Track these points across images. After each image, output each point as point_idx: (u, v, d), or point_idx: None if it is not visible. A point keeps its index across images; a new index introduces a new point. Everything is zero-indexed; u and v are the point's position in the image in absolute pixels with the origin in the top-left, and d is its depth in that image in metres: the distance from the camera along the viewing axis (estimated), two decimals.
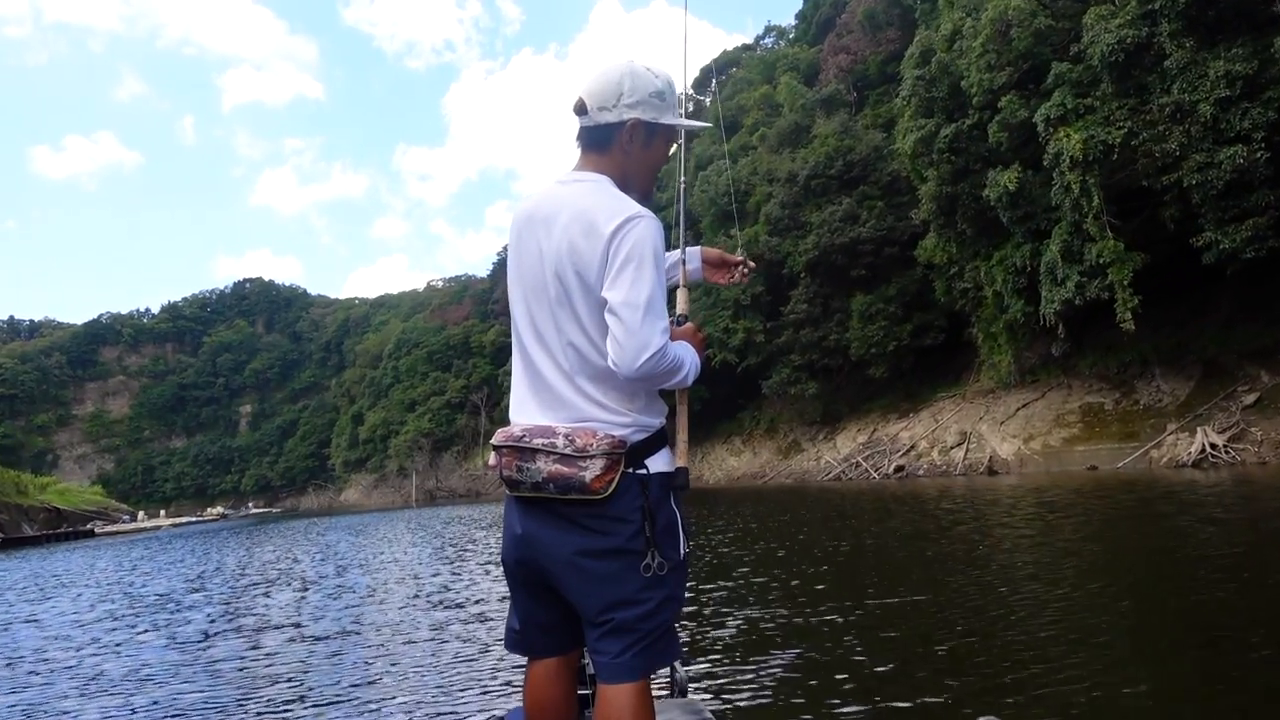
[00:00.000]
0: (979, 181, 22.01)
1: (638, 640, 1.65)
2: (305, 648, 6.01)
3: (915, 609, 5.53)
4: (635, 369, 1.59)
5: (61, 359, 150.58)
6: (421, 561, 12.67)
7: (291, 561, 14.70)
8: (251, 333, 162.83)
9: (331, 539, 21.16)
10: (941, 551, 8.45)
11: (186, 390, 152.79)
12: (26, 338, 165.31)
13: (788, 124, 38.05)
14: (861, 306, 31.10)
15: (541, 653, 1.85)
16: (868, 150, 32.56)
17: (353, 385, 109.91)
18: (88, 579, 14.23)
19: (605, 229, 1.62)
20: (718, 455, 41.94)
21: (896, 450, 28.35)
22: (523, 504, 1.74)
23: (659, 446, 1.75)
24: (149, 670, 5.69)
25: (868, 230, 30.95)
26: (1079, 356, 23.92)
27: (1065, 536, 8.82)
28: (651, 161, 1.83)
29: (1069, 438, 22.41)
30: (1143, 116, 17.35)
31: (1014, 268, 21.52)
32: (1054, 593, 5.57)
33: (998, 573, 6.64)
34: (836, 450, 32.22)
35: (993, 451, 24.22)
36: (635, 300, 1.58)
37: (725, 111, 48.90)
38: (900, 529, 11.10)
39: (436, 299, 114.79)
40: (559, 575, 1.71)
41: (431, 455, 75.29)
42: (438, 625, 6.51)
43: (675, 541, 1.72)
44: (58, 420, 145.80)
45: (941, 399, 30.21)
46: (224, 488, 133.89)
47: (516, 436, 1.69)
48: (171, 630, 7.48)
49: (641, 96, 1.73)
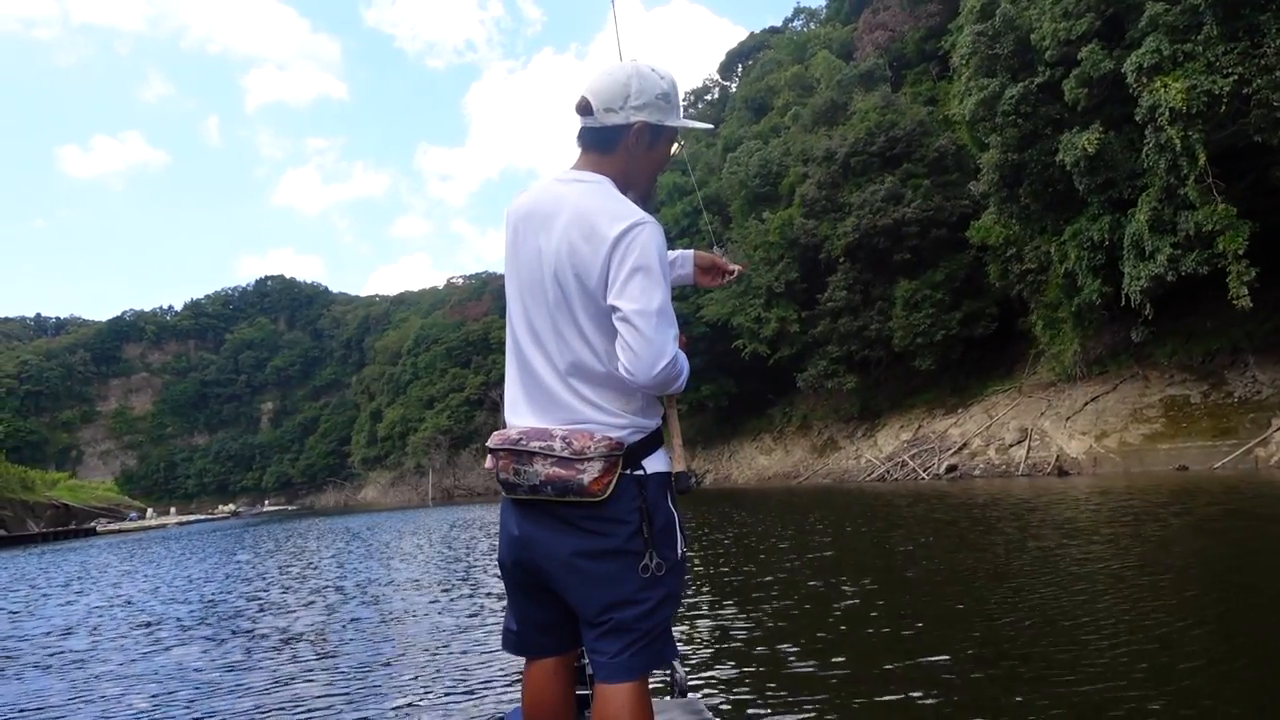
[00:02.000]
0: (1049, 147, 19.64)
1: (636, 640, 1.64)
2: (305, 647, 5.92)
3: (943, 619, 5.14)
4: (652, 377, 1.58)
5: (86, 356, 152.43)
6: (418, 564, 11.88)
7: (260, 565, 12.73)
8: (273, 330, 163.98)
9: (305, 544, 19.22)
10: (993, 559, 7.59)
11: (208, 387, 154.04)
12: (53, 335, 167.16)
13: (823, 101, 35.66)
14: (906, 293, 28.70)
15: (539, 653, 1.83)
16: (912, 125, 30.14)
17: (372, 382, 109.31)
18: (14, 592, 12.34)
19: (608, 234, 1.60)
20: (746, 454, 39.64)
21: (946, 448, 25.97)
22: (520, 506, 1.73)
23: (655, 447, 1.72)
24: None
25: (913, 211, 28.53)
26: (1156, 345, 21.49)
27: (1157, 546, 7.47)
28: (654, 163, 1.80)
29: (1150, 435, 19.96)
30: (1256, 61, 14.93)
31: (1090, 242, 19.13)
32: (1123, 608, 4.80)
33: (1054, 586, 5.86)
34: (878, 448, 29.86)
35: (1059, 450, 21.80)
36: (648, 308, 1.57)
37: (754, 93, 46.65)
38: (952, 532, 9.76)
39: (456, 295, 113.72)
40: (557, 576, 1.69)
41: (450, 453, 73.51)
42: (437, 625, 6.44)
43: (673, 541, 1.70)
44: (82, 417, 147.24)
45: (994, 393, 27.77)
46: (245, 484, 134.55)
47: (513, 439, 1.67)
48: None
49: (649, 99, 1.70)
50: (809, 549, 9.43)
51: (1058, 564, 6.76)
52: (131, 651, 6.28)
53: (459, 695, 4.25)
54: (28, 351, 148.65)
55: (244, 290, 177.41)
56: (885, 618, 5.23)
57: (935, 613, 5.27)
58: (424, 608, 7.45)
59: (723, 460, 41.02)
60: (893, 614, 5.31)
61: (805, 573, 7.46)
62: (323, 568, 12.53)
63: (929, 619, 5.08)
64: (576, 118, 1.75)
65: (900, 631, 4.84)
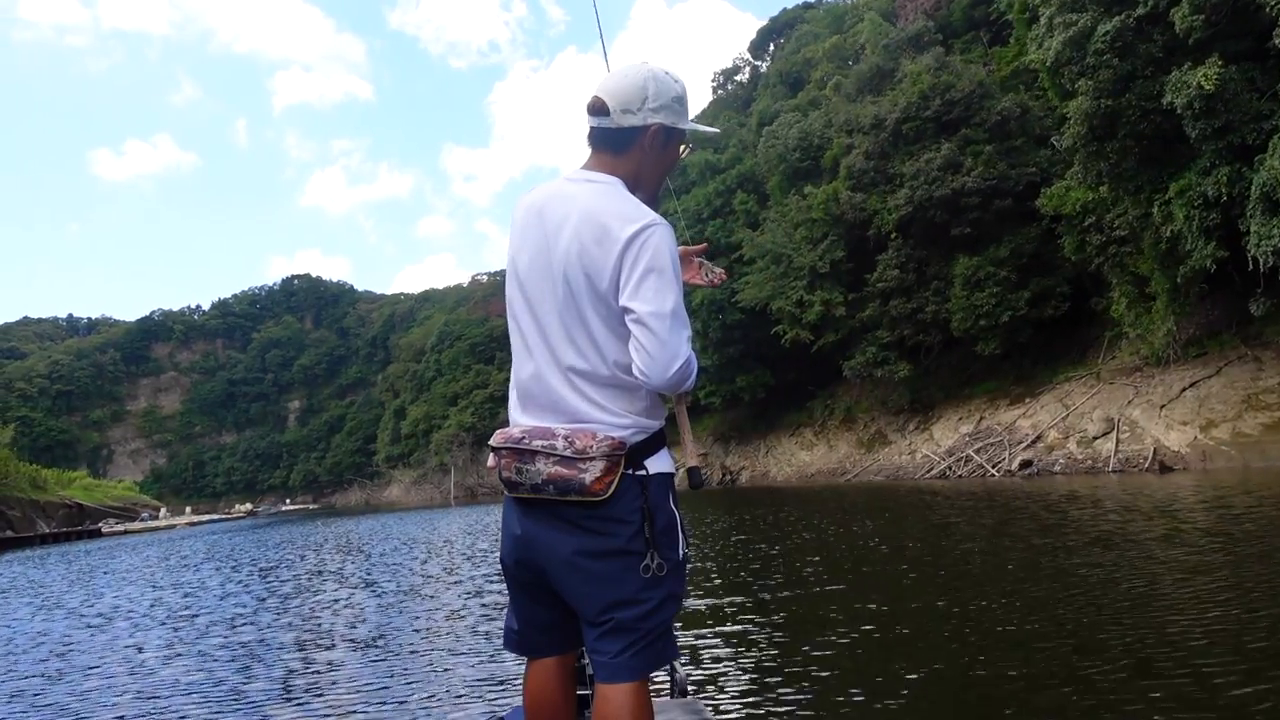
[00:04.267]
0: (1150, 90, 16.89)
1: (637, 640, 1.62)
2: (304, 648, 5.79)
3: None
4: (667, 379, 1.57)
5: (115, 355, 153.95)
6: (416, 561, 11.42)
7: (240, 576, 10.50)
8: (300, 329, 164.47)
9: (284, 556, 17.00)
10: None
11: (236, 386, 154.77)
12: (84, 335, 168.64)
13: (869, 68, 32.90)
14: (966, 271, 25.94)
15: (540, 653, 1.82)
16: (971, 86, 27.33)
17: (396, 380, 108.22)
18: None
19: (620, 235, 1.59)
20: (785, 449, 37.00)
21: (1017, 442, 23.22)
22: (522, 505, 1.71)
23: (658, 447, 1.72)
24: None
25: (973, 180, 25.75)
26: (1266, 322, 18.67)
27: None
28: (665, 165, 1.80)
29: (1272, 424, 17.15)
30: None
31: (1202, 199, 16.35)
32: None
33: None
34: (935, 442, 27.15)
35: (1157, 442, 19.02)
36: (663, 310, 1.56)
37: (789, 67, 43.96)
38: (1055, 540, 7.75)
39: (480, 291, 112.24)
40: (558, 576, 1.67)
41: (473, 450, 71.54)
42: (437, 626, 6.33)
43: (674, 542, 1.68)
44: (112, 416, 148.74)
45: (1065, 380, 24.97)
46: (273, 483, 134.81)
47: (515, 438, 1.66)
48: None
49: (665, 101, 1.71)
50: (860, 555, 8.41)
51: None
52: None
53: (459, 695, 4.23)
54: (59, 351, 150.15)
55: (270, 289, 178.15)
56: (904, 624, 4.90)
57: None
58: (424, 607, 7.24)
59: (759, 456, 38.43)
60: (915, 623, 4.93)
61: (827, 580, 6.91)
62: (268, 601, 10.23)
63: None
64: (588, 117, 1.76)
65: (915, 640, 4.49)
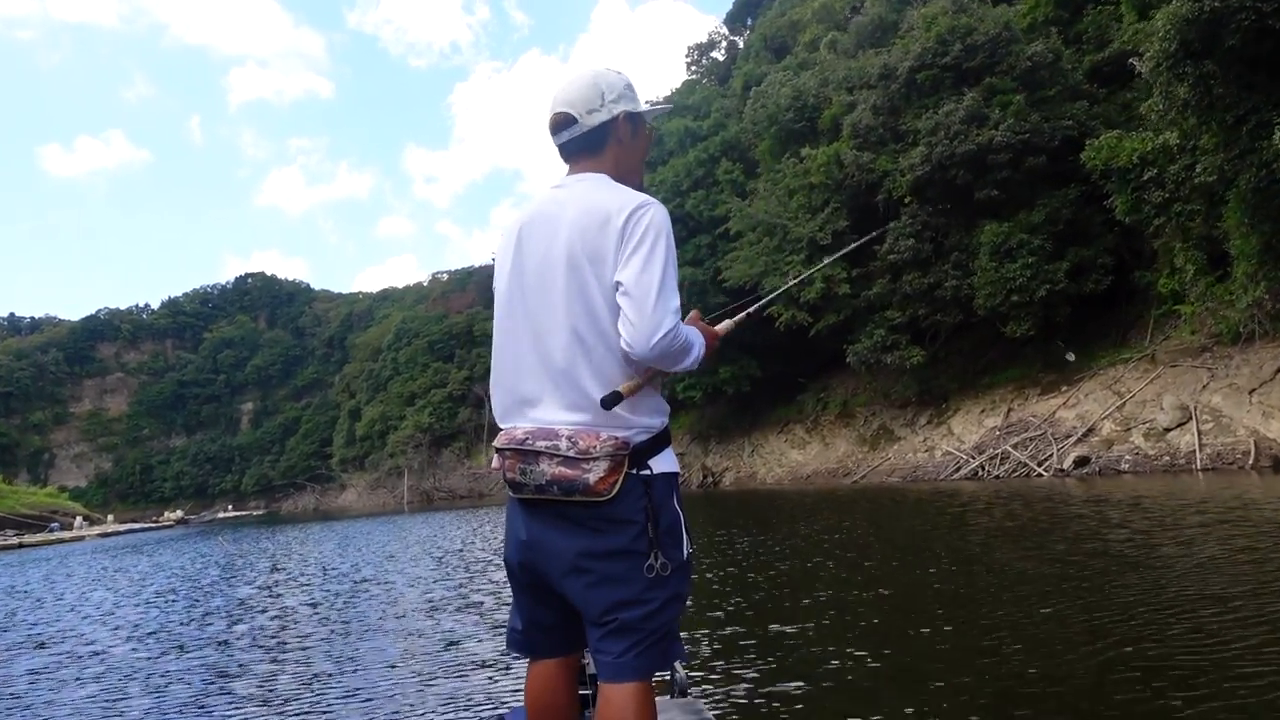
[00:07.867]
0: None
1: (641, 640, 1.62)
2: (303, 648, 5.77)
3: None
4: (649, 348, 1.56)
5: (58, 355, 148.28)
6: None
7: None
8: (253, 328, 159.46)
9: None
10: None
11: (186, 388, 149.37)
12: (26, 334, 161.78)
13: (869, 19, 29.31)
14: (995, 239, 22.33)
15: (543, 653, 1.82)
16: (996, 29, 23.79)
17: (352, 380, 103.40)
18: None
19: (618, 217, 1.61)
20: (773, 448, 33.23)
21: (1064, 435, 19.64)
22: (526, 506, 1.71)
23: (662, 447, 1.71)
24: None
25: (1002, 134, 22.18)
26: None
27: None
28: (641, 150, 1.85)
29: None
30: None
31: None
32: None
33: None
34: (956, 438, 23.54)
35: (1255, 434, 15.52)
36: (648, 280, 1.56)
37: (775, 31, 40.32)
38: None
39: (440, 289, 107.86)
40: (563, 576, 1.67)
41: (430, 452, 66.98)
42: (438, 625, 6.31)
43: (678, 542, 1.68)
44: (54, 419, 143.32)
45: (1109, 364, 21.51)
46: (224, 487, 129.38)
47: (519, 439, 1.65)
48: None
49: (620, 90, 1.77)
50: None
51: None
52: None
53: (459, 695, 4.20)
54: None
55: (223, 288, 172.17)
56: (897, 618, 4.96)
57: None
58: (423, 606, 7.34)
59: (744, 456, 34.63)
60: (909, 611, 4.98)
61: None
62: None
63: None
64: (556, 135, 1.79)
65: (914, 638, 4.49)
